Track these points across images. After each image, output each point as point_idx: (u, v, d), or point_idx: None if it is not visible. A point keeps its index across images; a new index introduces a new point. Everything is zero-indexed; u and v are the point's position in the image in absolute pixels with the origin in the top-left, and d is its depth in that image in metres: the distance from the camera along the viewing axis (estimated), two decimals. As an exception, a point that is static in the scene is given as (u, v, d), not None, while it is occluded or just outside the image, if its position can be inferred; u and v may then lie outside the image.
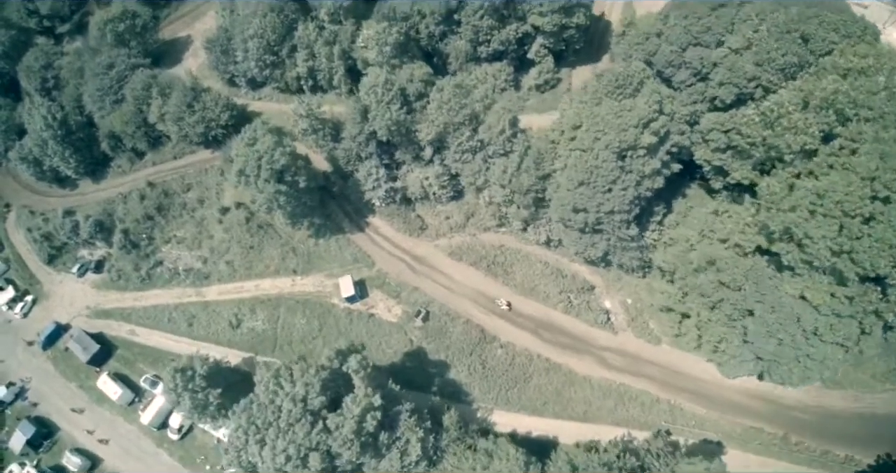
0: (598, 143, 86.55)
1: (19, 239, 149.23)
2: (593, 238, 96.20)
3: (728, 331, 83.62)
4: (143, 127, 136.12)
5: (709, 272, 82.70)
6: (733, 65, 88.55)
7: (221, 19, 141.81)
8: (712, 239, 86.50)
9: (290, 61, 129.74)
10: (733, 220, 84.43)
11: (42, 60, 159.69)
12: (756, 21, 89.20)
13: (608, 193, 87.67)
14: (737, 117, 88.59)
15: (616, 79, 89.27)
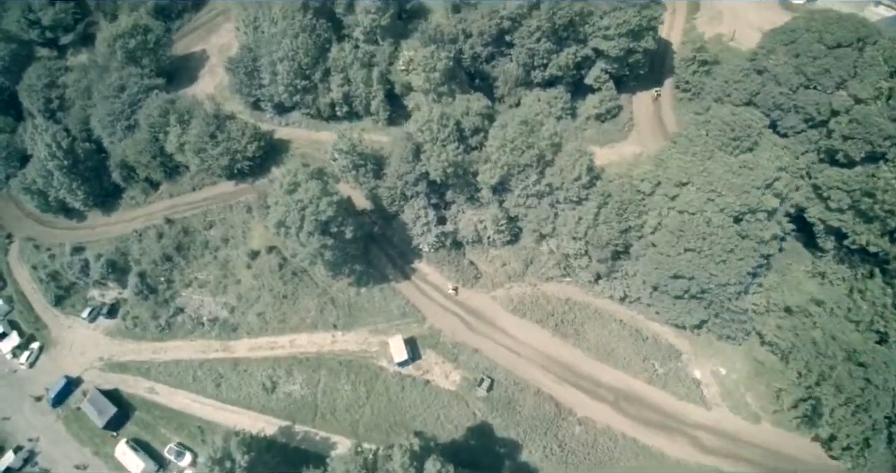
0: (711, 205, 70.51)
1: (23, 275, 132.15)
2: (690, 304, 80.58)
3: (874, 437, 68.14)
4: (158, 156, 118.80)
5: (849, 364, 67.67)
6: (863, 117, 72.12)
7: (244, 37, 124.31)
8: (838, 315, 71.67)
9: (324, 85, 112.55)
10: (868, 301, 69.34)
11: (45, 78, 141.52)
12: (885, 68, 73.85)
13: (722, 264, 72.18)
14: (868, 178, 72.47)
15: (730, 129, 72.96)
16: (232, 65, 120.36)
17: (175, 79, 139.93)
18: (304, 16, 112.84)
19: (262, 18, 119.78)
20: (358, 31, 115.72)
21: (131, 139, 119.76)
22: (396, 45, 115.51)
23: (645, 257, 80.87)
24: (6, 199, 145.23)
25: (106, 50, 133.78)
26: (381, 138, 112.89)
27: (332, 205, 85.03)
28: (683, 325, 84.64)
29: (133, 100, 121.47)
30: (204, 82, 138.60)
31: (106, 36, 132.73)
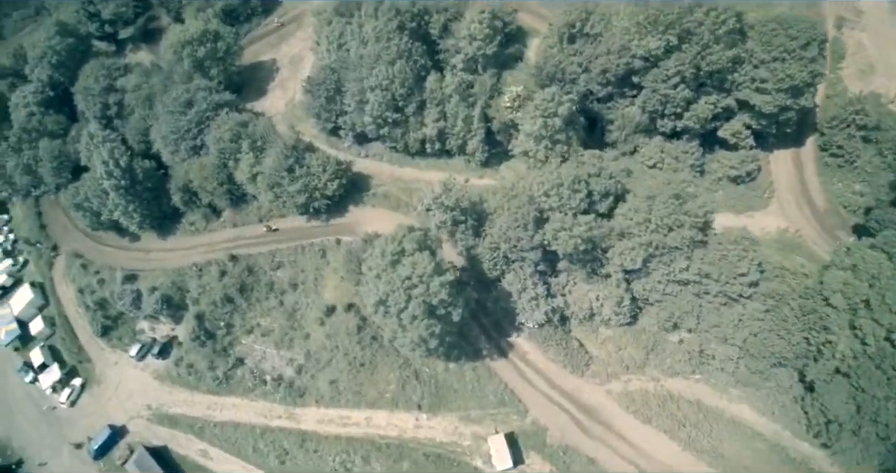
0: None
1: (68, 295, 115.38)
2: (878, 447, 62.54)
3: None
4: (226, 183, 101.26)
5: None
6: None
7: (326, 56, 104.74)
8: None
9: (416, 119, 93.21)
10: None
11: (103, 79, 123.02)
12: None
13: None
14: None
15: None
16: (311, 86, 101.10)
17: (243, 91, 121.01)
18: (401, 38, 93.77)
19: (350, 36, 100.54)
20: (458, 59, 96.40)
21: (197, 162, 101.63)
22: (498, 75, 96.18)
23: (829, 385, 62.19)
24: (53, 206, 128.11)
25: (172, 57, 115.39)
26: (475, 181, 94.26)
27: (445, 287, 66.55)
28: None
29: (201, 117, 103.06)
30: (274, 97, 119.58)
31: (173, 41, 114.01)
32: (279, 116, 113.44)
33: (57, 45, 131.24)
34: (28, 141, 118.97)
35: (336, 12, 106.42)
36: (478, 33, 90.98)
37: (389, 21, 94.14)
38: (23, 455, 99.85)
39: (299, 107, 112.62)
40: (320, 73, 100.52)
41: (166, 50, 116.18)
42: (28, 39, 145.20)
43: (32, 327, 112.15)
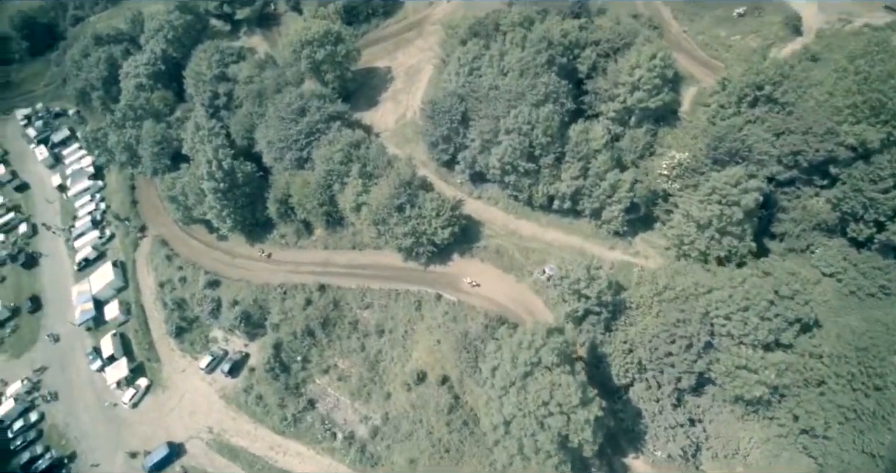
0: None
1: (148, 284, 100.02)
2: None
3: None
4: (326, 205, 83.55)
5: None
6: None
7: (452, 79, 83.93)
8: None
9: (551, 172, 73.12)
10: None
11: (215, 66, 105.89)
12: None
13: None
14: None
15: None
16: (432, 111, 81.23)
17: (353, 98, 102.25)
18: (550, 76, 72.58)
19: (486, 63, 79.43)
20: (610, 107, 74.89)
21: (300, 177, 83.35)
22: (654, 131, 74.57)
23: None
24: (148, 184, 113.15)
25: (290, 55, 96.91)
26: (604, 252, 73.58)
27: (590, 424, 47.08)
28: None
29: (311, 129, 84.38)
30: (385, 110, 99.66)
31: (293, 39, 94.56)
32: (388, 133, 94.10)
33: (175, 20, 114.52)
34: (133, 118, 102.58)
35: (471, 31, 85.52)
36: (644, 82, 69.16)
37: (539, 54, 72.81)
38: (77, 448, 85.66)
39: (410, 127, 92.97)
40: (445, 98, 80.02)
41: (285, 47, 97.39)
42: (147, 8, 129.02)
43: (108, 311, 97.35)
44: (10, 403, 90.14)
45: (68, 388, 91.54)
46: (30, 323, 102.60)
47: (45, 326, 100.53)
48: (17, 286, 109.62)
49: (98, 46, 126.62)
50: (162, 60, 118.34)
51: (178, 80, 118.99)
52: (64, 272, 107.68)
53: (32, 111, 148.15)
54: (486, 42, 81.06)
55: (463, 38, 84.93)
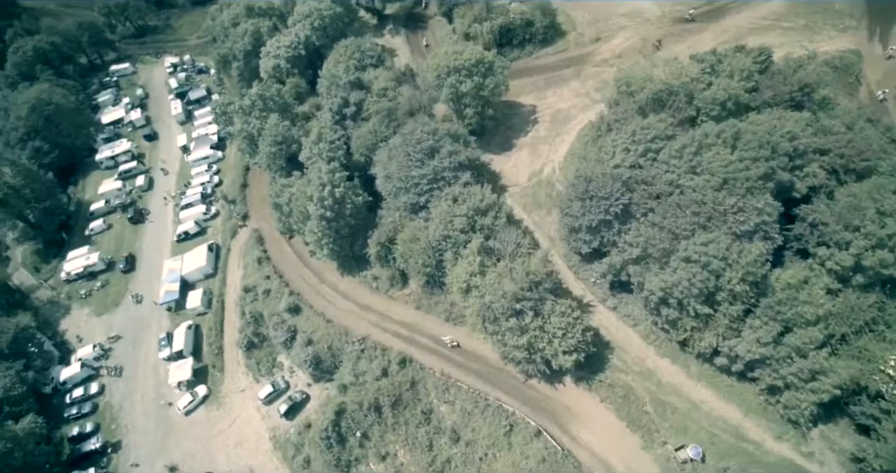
0: None
1: (234, 280, 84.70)
2: None
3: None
4: (432, 269, 63.95)
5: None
6: None
7: (620, 156, 59.56)
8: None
9: (730, 324, 47.24)
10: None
11: (352, 71, 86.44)
12: None
13: None
14: None
15: None
16: (584, 190, 57.57)
17: (487, 134, 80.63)
18: (766, 196, 48.27)
19: (675, 153, 55.29)
20: (832, 257, 49.49)
21: (410, 228, 63.40)
22: (882, 305, 48.98)
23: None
24: (260, 171, 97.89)
25: (434, 79, 75.89)
26: (764, 439, 48.79)
27: None
28: None
29: (437, 175, 64.65)
30: (519, 159, 76.41)
31: (439, 63, 73.03)
32: (517, 190, 72.07)
33: (325, 9, 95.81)
34: (261, 108, 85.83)
35: (656, 100, 61.15)
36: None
37: (755, 163, 48.23)
38: (124, 439, 73.61)
39: (546, 189, 70.51)
40: (605, 180, 56.60)
41: (429, 69, 76.21)
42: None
43: (191, 297, 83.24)
44: (77, 367, 78.58)
45: (133, 368, 78.99)
46: (119, 283, 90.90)
47: (132, 291, 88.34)
48: (120, 239, 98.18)
49: (248, 17, 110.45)
50: (303, 46, 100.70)
51: (314, 68, 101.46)
52: (164, 240, 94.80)
53: (179, 61, 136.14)
54: (676, 121, 56.80)
55: (642, 105, 60.71)
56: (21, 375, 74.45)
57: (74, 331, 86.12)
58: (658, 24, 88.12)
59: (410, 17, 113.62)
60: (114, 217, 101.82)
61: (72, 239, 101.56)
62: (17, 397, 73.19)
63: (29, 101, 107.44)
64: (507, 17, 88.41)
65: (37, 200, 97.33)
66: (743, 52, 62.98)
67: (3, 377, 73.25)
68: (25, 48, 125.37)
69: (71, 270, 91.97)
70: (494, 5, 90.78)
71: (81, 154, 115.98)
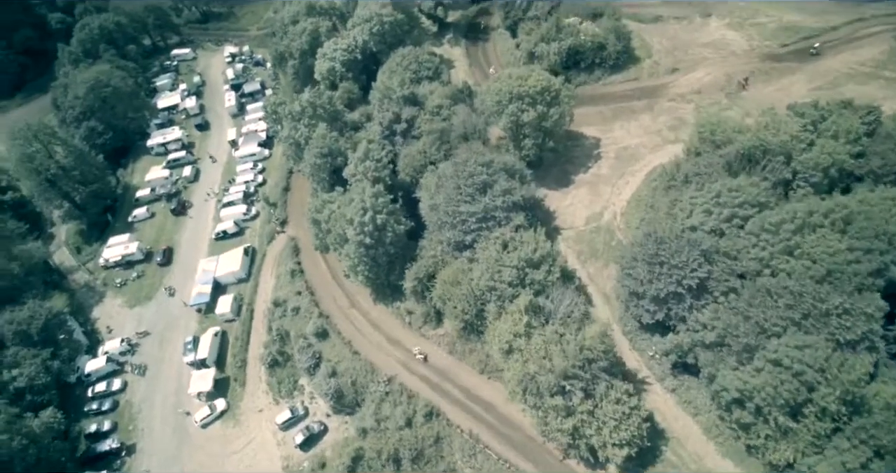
0: None
1: (266, 291, 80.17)
2: None
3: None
4: (471, 316, 55.64)
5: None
6: None
7: (701, 217, 51.06)
8: None
9: (816, 440, 39.57)
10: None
11: (408, 82, 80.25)
12: None
13: None
14: None
15: None
16: (652, 253, 50.50)
17: (541, 167, 72.57)
18: (875, 298, 39.47)
19: (772, 226, 46.38)
20: None
21: (452, 270, 56.18)
22: None
23: None
24: (303, 176, 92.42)
25: (492, 105, 68.57)
26: None
27: None
28: None
29: (487, 213, 57.76)
30: (577, 198, 67.81)
31: (500, 88, 65.06)
32: (572, 235, 64.36)
33: (386, 16, 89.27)
34: (310, 116, 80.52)
35: (747, 158, 52.39)
36: None
37: (869, 256, 39.45)
38: (139, 443, 70.45)
39: (604, 236, 62.67)
40: (681, 245, 48.39)
41: (488, 93, 68.87)
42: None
43: (221, 302, 79.16)
44: (102, 361, 75.62)
45: (157, 368, 75.46)
46: (154, 276, 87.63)
47: (166, 285, 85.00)
48: (160, 230, 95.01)
49: (308, 16, 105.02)
50: (360, 50, 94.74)
51: (368, 72, 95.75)
52: (202, 236, 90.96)
53: (238, 51, 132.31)
54: (770, 184, 48.13)
55: (730, 160, 52.06)
56: (47, 364, 71.62)
57: (105, 321, 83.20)
58: (745, 58, 78.09)
59: (472, 28, 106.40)
60: (157, 206, 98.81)
61: (115, 223, 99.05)
62: (41, 386, 70.40)
63: (88, 81, 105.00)
64: (577, 39, 79.95)
65: (85, 183, 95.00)
66: (849, 109, 53.25)
67: (29, 364, 70.46)
68: (92, 26, 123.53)
69: (109, 257, 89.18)
70: (565, 24, 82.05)
71: (134, 137, 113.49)
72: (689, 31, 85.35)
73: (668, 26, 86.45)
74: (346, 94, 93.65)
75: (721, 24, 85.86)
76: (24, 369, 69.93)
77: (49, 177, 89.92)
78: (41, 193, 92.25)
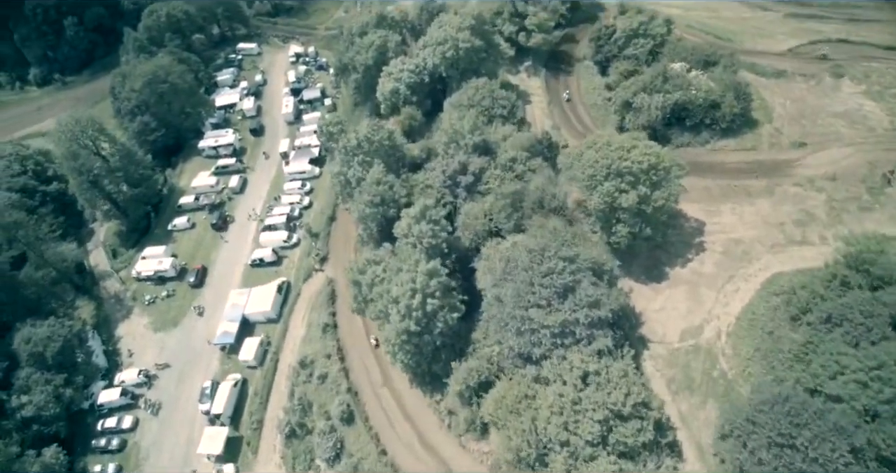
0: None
1: (295, 337, 69.95)
2: None
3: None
4: (529, 457, 43.76)
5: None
6: None
7: (830, 366, 36.45)
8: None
9: None
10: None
11: (480, 124, 66.98)
12: None
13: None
14: None
15: None
16: (770, 432, 35.44)
17: (630, 252, 58.07)
18: None
19: None
20: None
21: (511, 387, 43.79)
22: None
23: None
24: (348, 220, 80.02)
25: (585, 180, 54.05)
26: None
27: None
28: None
29: (565, 328, 44.12)
30: (671, 302, 52.00)
31: (597, 159, 49.97)
32: (661, 351, 50.12)
33: (462, 42, 75.71)
34: (365, 152, 68.53)
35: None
36: None
37: None
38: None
39: (705, 360, 48.11)
40: (823, 425, 34.12)
41: (580, 164, 54.23)
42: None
43: (246, 345, 69.49)
44: (117, 393, 67.08)
45: (171, 409, 66.39)
46: (184, 298, 78.48)
47: (192, 311, 75.63)
48: (198, 245, 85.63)
49: (378, 27, 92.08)
50: (428, 73, 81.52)
51: (434, 97, 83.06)
52: (238, 259, 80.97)
53: (304, 52, 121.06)
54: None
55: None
56: (59, 392, 63.24)
57: (128, 341, 74.97)
58: (888, 141, 60.48)
59: (554, 56, 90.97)
60: (199, 216, 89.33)
61: (155, 228, 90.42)
62: (49, 417, 62.07)
63: (146, 75, 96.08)
64: (686, 94, 63.89)
65: (129, 183, 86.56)
66: None
67: (40, 392, 62.23)
68: (160, 13, 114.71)
69: (142, 271, 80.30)
70: (672, 73, 66.16)
71: (188, 135, 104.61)
72: (817, 93, 67.83)
73: (792, 85, 69.13)
74: (407, 120, 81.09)
75: (856, 91, 67.91)
76: (33, 396, 61.84)
77: (91, 178, 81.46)
78: (83, 192, 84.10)
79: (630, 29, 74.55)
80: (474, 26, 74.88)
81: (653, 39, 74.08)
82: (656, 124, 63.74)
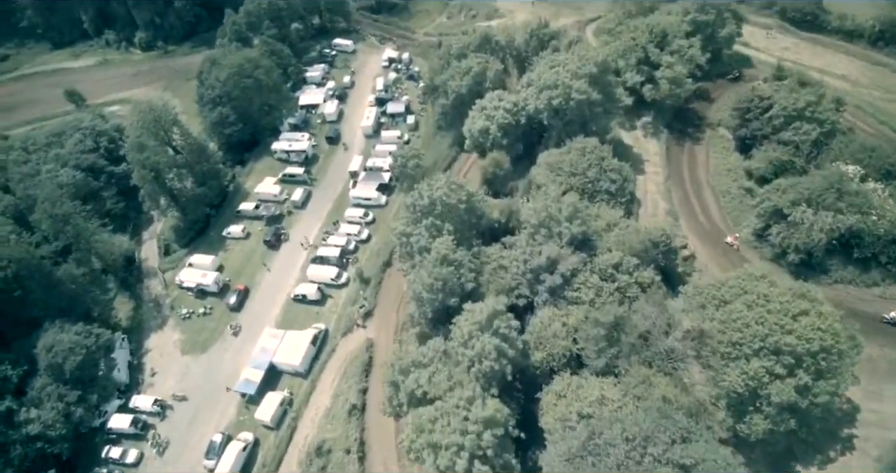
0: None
1: (320, 398, 58.45)
2: None
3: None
4: None
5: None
6: None
7: None
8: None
9: None
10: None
11: (580, 211, 51.68)
12: None
13: None
14: None
15: None
16: None
17: None
18: None
19: None
20: None
21: None
22: None
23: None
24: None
25: (724, 346, 37.86)
26: None
27: None
28: None
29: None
30: None
31: (738, 324, 35.05)
32: None
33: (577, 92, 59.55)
34: (436, 215, 55.19)
35: None
36: None
37: None
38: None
39: None
40: None
41: (722, 326, 37.82)
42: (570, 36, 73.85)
43: (266, 401, 59.57)
44: (128, 420, 59.58)
45: (177, 452, 58.16)
46: (220, 319, 69.94)
47: (225, 338, 67.06)
48: (247, 260, 76.62)
49: (479, 50, 77.44)
50: (526, 117, 66.48)
51: (528, 142, 68.46)
52: (282, 287, 71.18)
53: (398, 57, 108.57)
54: None
55: None
56: (69, 410, 56.21)
57: (154, 358, 67.59)
58: None
59: (680, 114, 72.73)
60: (255, 226, 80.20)
61: (210, 230, 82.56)
62: (55, 437, 55.19)
63: (232, 66, 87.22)
64: (865, 218, 45.14)
65: (194, 181, 78.68)
66: None
67: (50, 408, 55.36)
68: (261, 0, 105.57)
69: (185, 280, 72.37)
70: (848, 187, 47.30)
71: (265, 133, 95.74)
72: None
73: None
74: (492, 167, 66.73)
75: None
76: (43, 412, 54.85)
77: (155, 174, 73.95)
78: (144, 185, 77.04)
79: (794, 108, 55.21)
80: (595, 76, 58.25)
81: (819, 126, 54.58)
82: (815, 249, 45.42)
